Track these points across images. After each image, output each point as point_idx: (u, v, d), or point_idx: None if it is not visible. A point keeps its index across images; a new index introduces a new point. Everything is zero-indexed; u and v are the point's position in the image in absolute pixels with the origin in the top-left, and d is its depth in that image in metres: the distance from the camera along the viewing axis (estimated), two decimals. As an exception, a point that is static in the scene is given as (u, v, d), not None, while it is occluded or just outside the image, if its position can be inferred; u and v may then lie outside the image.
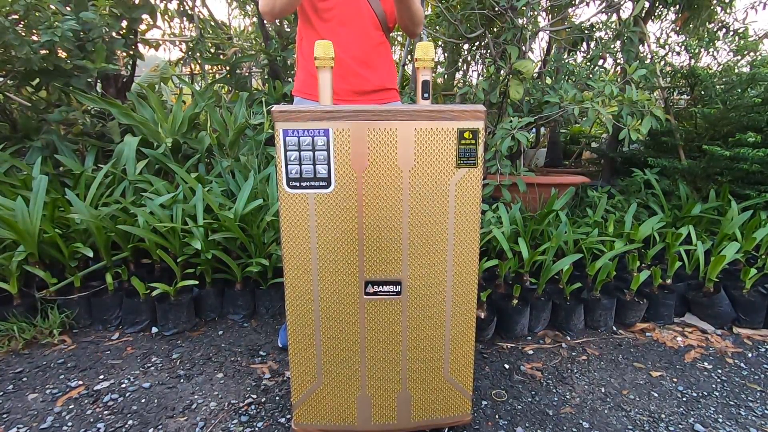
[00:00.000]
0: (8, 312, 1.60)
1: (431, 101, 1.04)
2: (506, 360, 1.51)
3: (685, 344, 1.62)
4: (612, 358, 1.54)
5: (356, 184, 0.92)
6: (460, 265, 0.99)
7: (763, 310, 1.72)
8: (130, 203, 1.97)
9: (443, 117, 0.91)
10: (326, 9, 1.33)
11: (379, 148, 0.90)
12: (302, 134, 0.90)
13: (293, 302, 0.99)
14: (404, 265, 0.97)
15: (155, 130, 2.46)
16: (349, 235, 0.94)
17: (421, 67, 1.08)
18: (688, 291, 1.83)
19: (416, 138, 0.91)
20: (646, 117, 1.98)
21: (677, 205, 2.67)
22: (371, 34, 1.37)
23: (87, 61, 2.43)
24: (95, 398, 1.29)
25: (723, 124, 2.69)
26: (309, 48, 1.39)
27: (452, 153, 0.92)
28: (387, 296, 0.98)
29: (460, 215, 0.96)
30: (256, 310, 1.82)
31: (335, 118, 0.89)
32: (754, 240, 2.01)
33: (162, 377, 1.40)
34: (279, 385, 1.36)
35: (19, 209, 1.69)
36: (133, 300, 1.68)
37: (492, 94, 2.47)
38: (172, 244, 1.81)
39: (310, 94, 1.39)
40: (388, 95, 1.44)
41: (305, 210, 0.93)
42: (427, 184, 0.93)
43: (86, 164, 2.40)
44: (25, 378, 1.39)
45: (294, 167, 0.91)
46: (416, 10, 1.36)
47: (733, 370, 1.46)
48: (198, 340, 1.63)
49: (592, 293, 1.76)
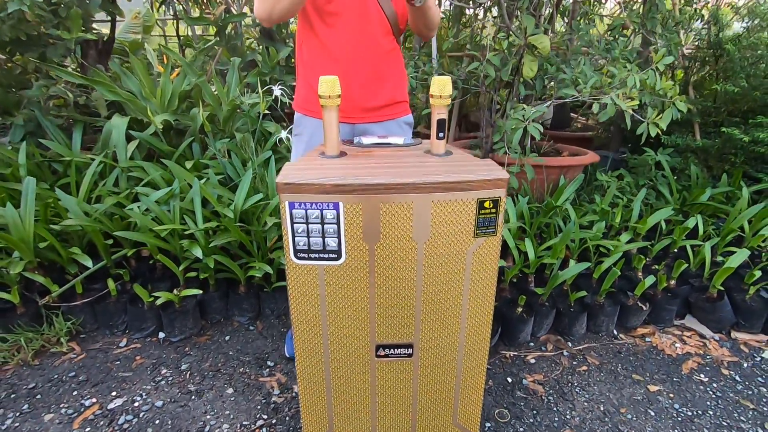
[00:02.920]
0: (13, 323, 1.60)
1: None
2: (509, 372, 1.55)
3: (684, 351, 1.66)
4: (612, 368, 1.58)
5: (368, 257, 0.87)
6: (474, 326, 0.97)
7: (763, 316, 1.74)
8: (124, 198, 1.90)
9: (463, 188, 0.83)
10: (331, 13, 1.18)
11: (393, 221, 0.84)
12: (310, 207, 0.83)
13: (303, 362, 0.98)
14: (417, 330, 0.95)
15: (143, 106, 2.31)
16: (360, 304, 0.91)
17: (437, 104, 0.98)
18: (691, 293, 1.84)
19: (433, 210, 0.84)
20: (668, 110, 1.86)
21: (687, 185, 2.61)
22: (380, 41, 1.23)
23: (63, 31, 2.22)
24: (110, 419, 1.33)
25: (745, 101, 2.55)
26: (310, 56, 1.25)
27: (471, 223, 0.86)
28: (398, 358, 0.97)
29: (476, 282, 0.92)
30: (262, 311, 1.83)
31: (346, 191, 0.81)
32: (761, 237, 1.99)
33: (173, 393, 1.43)
34: (288, 403, 1.40)
35: (10, 216, 1.62)
36: (138, 307, 1.68)
37: (504, 71, 2.30)
38: (173, 245, 1.77)
39: (312, 111, 1.28)
40: (398, 109, 1.33)
41: (314, 280, 0.89)
42: (443, 255, 0.88)
43: (73, 143, 2.29)
44: (39, 395, 1.42)
45: (302, 239, 0.85)
46: (433, 16, 1.21)
47: (728, 384, 1.51)
48: (205, 347, 1.65)
49: (596, 299, 1.76)
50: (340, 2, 1.17)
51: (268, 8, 1.11)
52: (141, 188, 1.90)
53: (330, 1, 1.17)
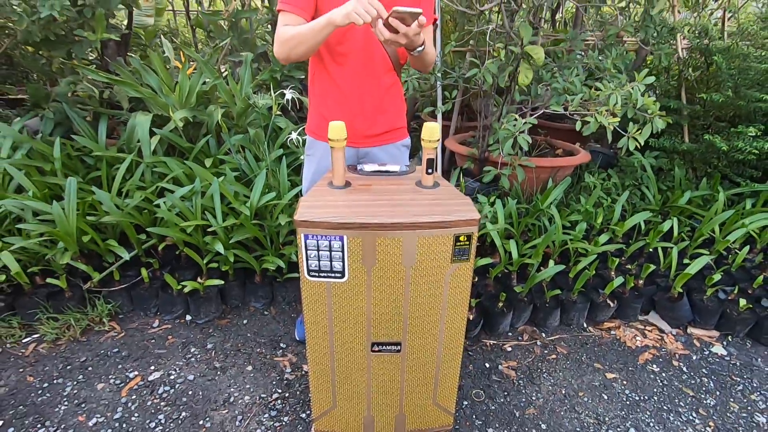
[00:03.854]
0: (63, 305, 1.86)
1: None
2: (488, 358, 1.80)
3: (642, 344, 1.90)
4: (577, 357, 1.83)
5: (366, 277, 1.09)
6: (450, 330, 1.20)
7: (717, 314, 1.97)
8: (150, 193, 2.12)
9: (442, 226, 1.04)
10: (341, 53, 1.35)
11: (386, 251, 1.06)
12: (321, 239, 1.04)
13: (314, 354, 1.22)
14: (404, 332, 1.18)
15: (164, 102, 2.49)
16: (358, 311, 1.14)
17: (426, 147, 1.18)
18: (656, 292, 2.06)
19: (418, 244, 1.05)
20: (647, 126, 2.02)
21: (672, 186, 2.79)
22: (383, 78, 1.41)
23: (88, 33, 2.38)
24: (151, 389, 1.60)
25: (731, 108, 2.68)
26: (321, 88, 1.43)
27: (448, 252, 1.08)
28: (389, 353, 1.21)
29: (453, 296, 1.14)
30: (275, 298, 2.08)
31: (349, 228, 1.03)
32: (726, 242, 2.19)
33: (202, 368, 1.70)
34: (299, 380, 1.67)
35: (57, 212, 1.85)
36: (167, 293, 1.93)
37: (500, 77, 2.45)
38: (196, 239, 2.00)
39: (321, 136, 1.47)
40: (397, 134, 1.52)
41: (323, 294, 1.11)
42: (426, 276, 1.10)
43: (99, 135, 2.48)
44: (90, 367, 1.69)
45: (314, 262, 1.07)
46: (429, 60, 1.38)
47: (676, 373, 1.75)
48: (227, 329, 1.91)
49: (570, 295, 1.99)
50: (349, 44, 1.34)
51: (286, 51, 1.28)
52: (166, 184, 2.11)
53: (340, 43, 1.34)
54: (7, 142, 2.22)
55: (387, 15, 1.09)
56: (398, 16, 1.09)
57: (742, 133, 2.46)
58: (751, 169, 2.70)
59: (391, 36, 1.13)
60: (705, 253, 2.16)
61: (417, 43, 1.23)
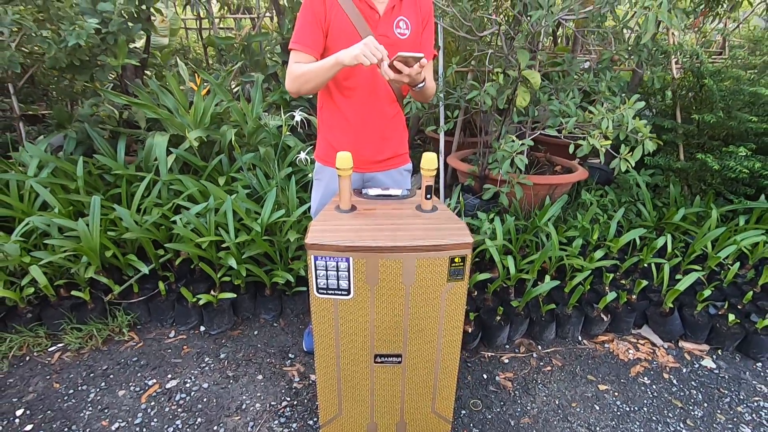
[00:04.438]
0: (85, 316, 1.99)
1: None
2: (485, 369, 1.89)
3: (635, 357, 1.98)
4: (572, 369, 1.91)
5: (370, 294, 1.20)
6: (447, 343, 1.30)
7: (707, 328, 2.05)
8: (167, 210, 2.24)
9: (439, 249, 1.15)
10: (348, 87, 1.48)
11: (388, 272, 1.16)
12: (329, 260, 1.15)
13: (321, 364, 1.32)
14: (405, 345, 1.28)
15: (180, 123, 2.63)
16: (363, 326, 1.25)
17: (425, 175, 1.29)
18: (649, 307, 2.15)
19: (417, 264, 1.16)
20: (638, 149, 2.12)
21: (666, 203, 2.88)
22: (386, 109, 1.53)
23: (111, 59, 2.53)
24: (169, 396, 1.71)
25: (722, 129, 2.78)
26: (329, 118, 1.56)
27: (444, 273, 1.18)
28: (391, 364, 1.31)
29: (449, 312, 1.24)
30: (284, 310, 2.19)
31: (354, 250, 1.14)
32: (717, 258, 2.27)
33: (215, 377, 1.81)
34: (306, 389, 1.77)
35: (82, 229, 1.98)
36: (183, 305, 2.04)
37: (499, 99, 2.56)
38: (209, 253, 2.12)
39: (329, 163, 1.58)
40: (399, 160, 1.64)
41: (330, 309, 1.22)
42: (424, 294, 1.20)
43: (118, 153, 2.62)
44: (111, 375, 1.80)
45: (322, 281, 1.18)
46: (429, 93, 1.50)
47: (666, 385, 1.83)
48: (238, 340, 2.02)
49: (565, 309, 2.08)
50: (355, 79, 1.46)
51: (297, 86, 1.41)
52: (182, 201, 2.24)
53: (347, 78, 1.46)
54: (34, 162, 2.36)
55: (392, 59, 1.21)
56: (402, 59, 1.21)
57: (733, 152, 2.55)
58: (745, 186, 2.79)
59: (396, 76, 1.25)
60: (697, 269, 2.25)
61: (418, 81, 1.35)
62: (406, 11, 1.44)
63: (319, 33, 1.39)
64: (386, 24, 1.42)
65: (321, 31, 1.39)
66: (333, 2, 1.38)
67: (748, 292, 2.15)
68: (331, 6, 1.38)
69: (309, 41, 1.39)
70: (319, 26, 1.39)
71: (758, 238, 2.38)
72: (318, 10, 1.38)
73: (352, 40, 1.38)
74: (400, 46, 1.43)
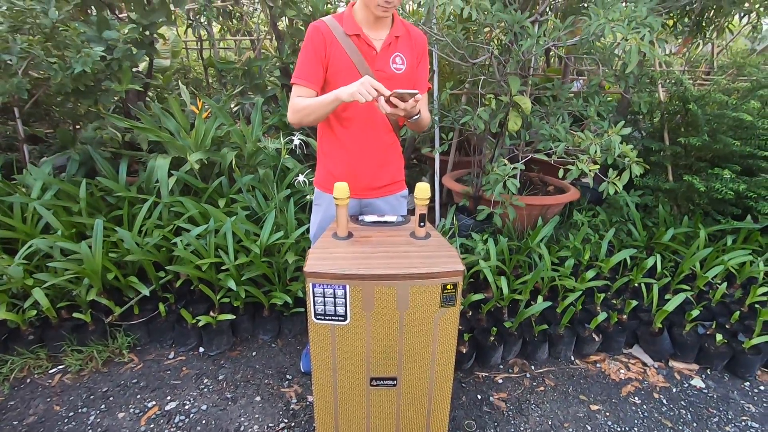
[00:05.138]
0: (87, 338, 2.02)
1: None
2: (480, 389, 1.93)
3: (626, 377, 2.02)
4: (564, 389, 1.95)
5: (366, 320, 1.24)
6: (441, 366, 1.34)
7: (696, 348, 2.09)
8: (168, 231, 2.29)
9: (431, 277, 1.20)
10: (347, 118, 1.55)
11: (382, 299, 1.22)
12: (326, 287, 1.21)
13: (319, 387, 1.36)
14: (399, 368, 1.33)
15: (182, 146, 2.69)
16: (359, 350, 1.29)
17: (419, 204, 1.35)
18: (639, 327, 2.19)
19: (411, 292, 1.21)
20: (625, 172, 2.20)
21: (656, 222, 2.95)
22: (383, 138, 1.60)
23: (115, 84, 2.61)
24: (168, 419, 1.73)
25: (708, 151, 2.87)
26: (328, 147, 1.62)
27: (437, 299, 1.23)
28: (386, 387, 1.35)
29: (442, 337, 1.29)
30: (281, 331, 2.23)
31: (351, 278, 1.19)
32: (706, 278, 2.33)
33: (214, 399, 1.84)
34: (304, 410, 1.80)
35: (85, 252, 2.02)
36: (182, 326, 2.08)
37: (492, 123, 2.65)
38: (209, 275, 2.16)
39: (328, 189, 1.64)
40: (396, 186, 1.70)
41: (328, 334, 1.27)
42: (418, 320, 1.25)
43: (120, 175, 2.67)
44: (111, 397, 1.83)
45: (320, 307, 1.23)
46: (424, 124, 1.57)
47: (656, 405, 1.87)
48: (237, 361, 2.05)
49: (557, 330, 2.13)
50: (353, 111, 1.53)
51: (298, 118, 1.47)
52: (182, 223, 2.29)
53: (345, 110, 1.53)
54: (38, 184, 2.42)
55: (388, 95, 1.28)
56: (398, 96, 1.28)
57: (719, 174, 2.63)
58: (732, 206, 2.86)
59: (392, 110, 1.32)
60: (686, 289, 2.31)
61: (414, 114, 1.42)
62: (402, 48, 1.52)
63: (319, 68, 1.47)
64: (383, 60, 1.49)
65: (321, 66, 1.47)
66: (333, 39, 1.46)
67: (735, 311, 2.20)
68: (330, 43, 1.46)
69: (310, 76, 1.47)
70: (320, 61, 1.46)
71: (745, 257, 2.45)
72: (319, 46, 1.46)
73: (350, 74, 1.46)
74: (396, 80, 1.51)
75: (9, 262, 2.00)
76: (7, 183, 2.49)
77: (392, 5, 1.36)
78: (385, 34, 1.49)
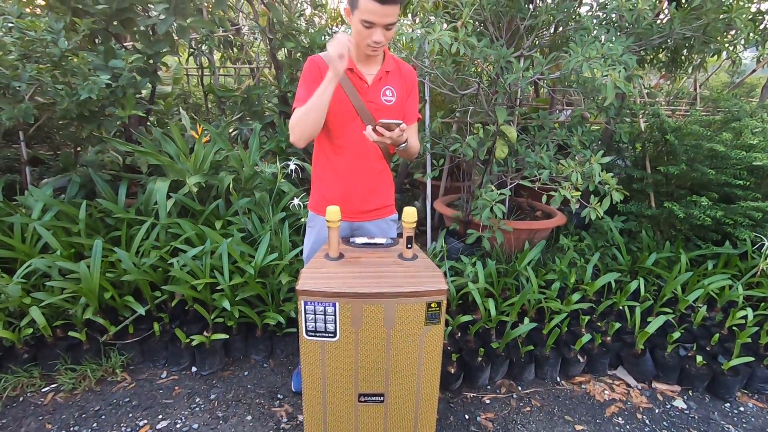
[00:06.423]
0: (81, 357, 2.04)
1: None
2: (467, 410, 1.96)
3: (610, 398, 2.07)
4: (550, 410, 1.99)
5: (354, 337, 1.31)
6: (426, 382, 1.40)
7: (678, 369, 2.15)
8: (164, 252, 2.35)
9: (417, 295, 1.28)
10: (340, 145, 1.64)
11: (370, 316, 1.28)
12: (317, 305, 1.27)
13: (309, 403, 1.41)
14: (387, 384, 1.38)
15: (181, 169, 2.78)
16: (348, 366, 1.35)
17: (406, 227, 1.43)
18: (622, 348, 2.25)
19: (397, 310, 1.28)
20: (606, 199, 2.30)
21: (640, 247, 3.04)
22: (374, 165, 1.69)
23: (118, 110, 2.71)
24: (159, 437, 1.75)
25: (686, 180, 3.00)
26: (322, 172, 1.71)
27: (422, 317, 1.30)
28: (374, 402, 1.40)
29: (427, 353, 1.35)
30: (274, 351, 2.26)
31: (340, 296, 1.26)
32: (687, 302, 2.41)
33: (205, 418, 1.86)
34: (294, 429, 1.82)
35: (83, 271, 2.07)
36: (176, 345, 2.11)
37: (480, 151, 2.77)
38: (204, 295, 2.21)
39: (321, 212, 1.72)
40: (386, 211, 1.79)
41: (318, 351, 1.32)
42: (404, 336, 1.32)
43: (119, 197, 2.74)
44: (103, 416, 1.84)
45: (311, 324, 1.29)
46: (413, 152, 1.67)
47: (639, 426, 1.91)
48: (229, 380, 2.08)
49: (543, 351, 2.18)
50: (346, 138, 1.63)
51: (297, 136, 1.54)
52: (179, 244, 2.35)
53: (339, 137, 1.63)
54: (39, 205, 2.48)
55: (375, 124, 1.39)
56: (384, 125, 1.38)
57: (697, 202, 2.75)
58: (712, 232, 2.97)
59: (379, 138, 1.42)
60: (668, 312, 2.38)
61: (401, 142, 1.52)
62: (392, 81, 1.64)
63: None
64: (374, 92, 1.61)
65: None
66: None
67: (715, 334, 2.27)
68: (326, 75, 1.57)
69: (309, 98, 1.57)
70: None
71: (725, 282, 2.54)
72: (317, 76, 1.57)
73: (343, 104, 1.57)
74: (386, 111, 1.62)
75: (8, 281, 2.05)
76: (8, 204, 2.55)
77: (381, 45, 1.48)
78: (377, 69, 1.61)
